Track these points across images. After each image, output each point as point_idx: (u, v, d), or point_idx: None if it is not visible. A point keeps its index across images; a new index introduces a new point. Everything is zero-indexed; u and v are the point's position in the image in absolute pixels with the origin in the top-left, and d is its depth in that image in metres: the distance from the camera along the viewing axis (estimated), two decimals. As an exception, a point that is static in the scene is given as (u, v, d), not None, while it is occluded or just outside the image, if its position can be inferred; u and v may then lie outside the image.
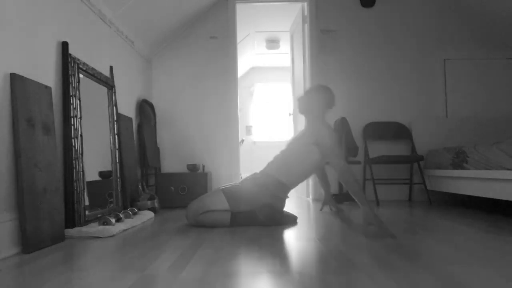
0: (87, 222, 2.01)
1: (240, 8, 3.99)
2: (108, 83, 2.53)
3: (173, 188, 3.25)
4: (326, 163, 2.35)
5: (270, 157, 2.43)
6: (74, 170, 1.96)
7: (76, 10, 2.20)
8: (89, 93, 2.24)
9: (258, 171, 2.37)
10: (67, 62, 2.02)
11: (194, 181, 3.27)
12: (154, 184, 3.38)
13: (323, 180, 2.78)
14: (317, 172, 2.74)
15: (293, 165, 2.26)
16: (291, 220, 2.22)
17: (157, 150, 3.56)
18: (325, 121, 2.37)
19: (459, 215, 2.47)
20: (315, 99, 2.38)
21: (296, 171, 2.26)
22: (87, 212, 2.03)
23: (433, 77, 3.69)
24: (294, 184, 2.27)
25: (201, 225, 2.15)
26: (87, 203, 2.05)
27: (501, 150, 2.31)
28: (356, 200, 1.97)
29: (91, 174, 2.18)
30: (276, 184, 2.21)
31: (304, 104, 2.41)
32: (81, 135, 2.04)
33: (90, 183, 2.12)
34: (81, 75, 2.15)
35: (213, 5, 3.73)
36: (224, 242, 1.68)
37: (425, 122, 3.56)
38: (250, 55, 6.22)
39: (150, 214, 2.55)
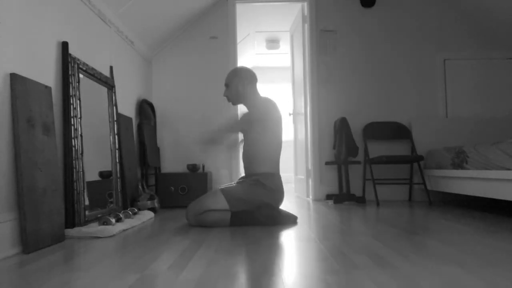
0: (87, 222, 2.01)
1: (240, 8, 3.99)
2: (108, 83, 2.53)
3: (173, 188, 3.25)
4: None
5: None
6: (74, 170, 1.96)
7: (76, 10, 2.20)
8: (89, 93, 2.24)
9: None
10: (67, 62, 2.02)
11: (194, 181, 3.27)
12: (154, 184, 3.38)
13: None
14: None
15: (259, 152, 2.34)
16: (291, 220, 2.22)
17: (157, 150, 3.56)
18: (258, 96, 2.40)
19: (459, 215, 2.47)
20: (235, 85, 2.36)
21: (265, 155, 2.33)
22: (87, 212, 2.03)
23: (433, 77, 3.69)
24: (276, 165, 2.34)
25: (201, 225, 2.15)
26: (87, 203, 2.05)
27: (501, 150, 2.31)
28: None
29: (91, 174, 2.18)
30: (266, 176, 2.24)
31: (232, 96, 2.40)
32: (81, 135, 2.04)
33: (90, 183, 2.12)
34: (81, 75, 2.15)
35: (213, 5, 3.73)
36: (224, 242, 1.68)
37: (425, 122, 3.56)
38: (250, 55, 6.22)
39: (150, 214, 2.55)
